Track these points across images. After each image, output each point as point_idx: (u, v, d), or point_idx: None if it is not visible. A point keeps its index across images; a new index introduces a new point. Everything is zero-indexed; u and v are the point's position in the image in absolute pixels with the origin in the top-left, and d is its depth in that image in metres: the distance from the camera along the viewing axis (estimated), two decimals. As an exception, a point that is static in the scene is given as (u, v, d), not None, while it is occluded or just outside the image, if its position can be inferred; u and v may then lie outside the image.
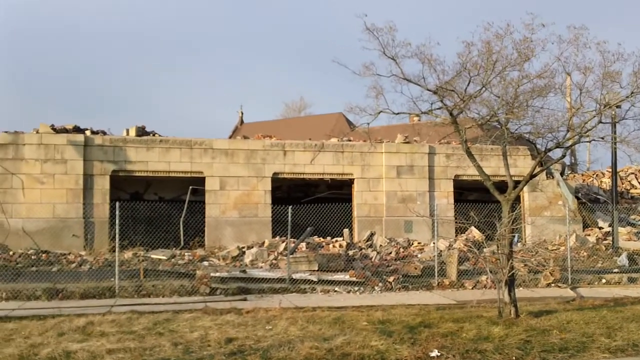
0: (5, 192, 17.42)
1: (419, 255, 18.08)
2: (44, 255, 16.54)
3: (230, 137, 37.41)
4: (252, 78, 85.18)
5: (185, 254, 17.47)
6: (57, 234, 17.52)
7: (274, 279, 14.45)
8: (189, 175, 19.14)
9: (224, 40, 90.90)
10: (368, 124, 11.71)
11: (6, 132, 17.63)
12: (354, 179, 20.46)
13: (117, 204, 13.69)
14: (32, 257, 16.32)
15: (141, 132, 19.12)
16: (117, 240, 13.82)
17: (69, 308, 11.57)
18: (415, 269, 15.50)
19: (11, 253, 16.55)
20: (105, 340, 8.54)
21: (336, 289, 14.17)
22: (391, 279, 14.72)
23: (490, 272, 11.48)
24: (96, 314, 10.75)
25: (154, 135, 19.34)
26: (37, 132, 17.92)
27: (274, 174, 19.79)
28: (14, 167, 17.52)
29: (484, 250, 16.84)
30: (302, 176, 20.26)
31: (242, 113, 42.68)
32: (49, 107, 70.78)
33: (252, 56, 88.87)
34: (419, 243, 19.57)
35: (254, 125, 40.80)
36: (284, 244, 17.92)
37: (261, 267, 16.18)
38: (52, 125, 18.18)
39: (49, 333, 9.05)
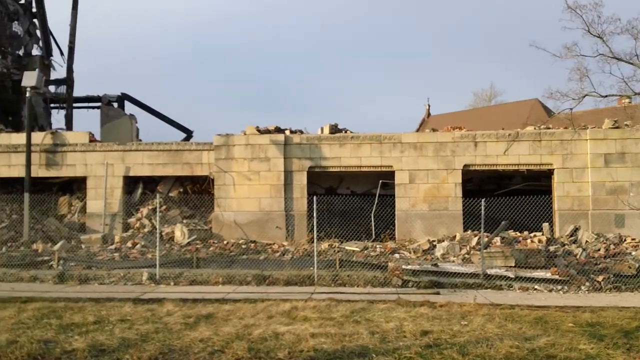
0: (219, 188, 19.52)
1: (633, 253, 16.25)
2: (252, 244, 18.22)
3: (417, 130, 37.35)
4: (439, 69, 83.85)
5: (377, 246, 17.89)
6: (262, 226, 19.15)
7: (467, 273, 14.13)
8: (378, 169, 19.55)
9: (409, 34, 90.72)
10: (571, 109, 10.88)
11: (219, 134, 19.74)
12: (553, 170, 19.09)
13: (315, 198, 14.57)
14: (242, 246, 18.06)
15: (334, 129, 20.01)
16: (315, 232, 14.73)
17: (275, 293, 12.59)
18: (629, 267, 13.99)
19: (225, 242, 18.50)
20: (308, 324, 9.15)
21: (536, 286, 13.39)
22: (600, 278, 13.47)
23: None
24: (299, 299, 11.54)
25: (345, 132, 20.11)
26: (245, 134, 19.78)
27: (465, 166, 19.30)
28: (226, 165, 19.53)
29: None
30: (494, 167, 19.45)
31: (429, 106, 42.36)
32: (254, 110, 77.32)
33: (438, 46, 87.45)
34: (632, 239, 17.57)
35: (442, 117, 40.20)
36: (476, 238, 17.39)
37: (453, 261, 15.91)
38: (257, 127, 19.92)
39: (259, 315, 9.96)
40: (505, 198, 16.29)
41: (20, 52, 32.16)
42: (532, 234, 17.83)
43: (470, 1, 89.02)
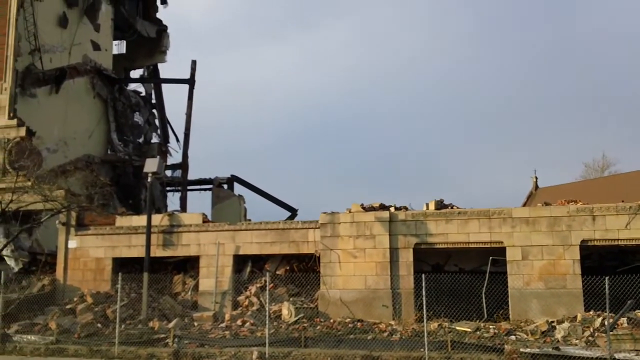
0: (325, 266, 19.70)
1: None
2: (359, 324, 17.96)
3: (524, 204, 36.03)
4: (545, 140, 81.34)
5: (490, 326, 17.08)
6: (368, 304, 18.94)
7: (592, 358, 13.16)
8: (488, 245, 18.94)
9: (509, 106, 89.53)
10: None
11: (325, 212, 20.17)
12: (682, 244, 17.59)
13: (423, 276, 14.33)
14: (349, 325, 17.87)
15: (440, 205, 19.83)
16: (424, 311, 14.39)
17: (386, 376, 12.27)
18: None
19: (332, 321, 18.40)
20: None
21: (673, 373, 12.14)
22: None
23: None
24: (412, 383, 11.16)
25: (451, 207, 19.87)
26: (350, 212, 20.07)
27: (582, 241, 18.25)
28: (332, 243, 19.78)
29: None
30: (615, 243, 18.24)
31: (536, 178, 40.98)
32: (358, 187, 78.33)
33: (541, 116, 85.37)
34: None
35: (550, 189, 38.62)
36: (600, 319, 16.20)
37: (575, 344, 14.86)
38: (362, 204, 20.20)
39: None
40: (629, 275, 15.23)
41: (140, 140, 35.32)
42: (662, 315, 16.33)
43: (574, 68, 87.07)
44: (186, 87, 33.28)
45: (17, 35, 25.74)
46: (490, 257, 18.97)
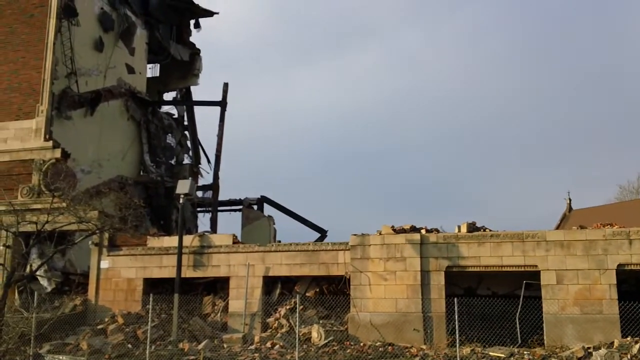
0: (355, 289, 19.54)
1: None
2: (389, 347, 17.72)
3: (558, 226, 35.43)
4: (578, 161, 79.94)
5: (524, 352, 16.71)
6: (399, 328, 18.69)
7: (633, 387, 12.69)
8: (521, 269, 18.60)
9: (539, 129, 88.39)
10: None
11: (355, 234, 20.06)
12: None
13: (455, 299, 14.12)
14: (380, 349, 17.63)
15: (472, 228, 19.56)
16: (456, 336, 14.14)
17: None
18: None
19: (362, 344, 18.20)
20: None
21: None
22: None
23: None
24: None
25: (484, 230, 19.59)
26: (380, 234, 19.95)
27: (619, 265, 17.82)
28: (362, 265, 19.63)
29: None
30: (653, 267, 17.78)
31: (569, 200, 40.37)
32: (387, 208, 77.89)
33: (577, 137, 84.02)
34: None
35: (584, 211, 37.96)
36: (637, 345, 15.76)
37: (614, 372, 14.41)
38: (392, 226, 20.02)
39: None
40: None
41: (172, 161, 35.81)
42: None
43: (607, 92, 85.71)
44: (218, 108, 33.77)
45: (54, 59, 26.37)
46: (524, 281, 18.63)
